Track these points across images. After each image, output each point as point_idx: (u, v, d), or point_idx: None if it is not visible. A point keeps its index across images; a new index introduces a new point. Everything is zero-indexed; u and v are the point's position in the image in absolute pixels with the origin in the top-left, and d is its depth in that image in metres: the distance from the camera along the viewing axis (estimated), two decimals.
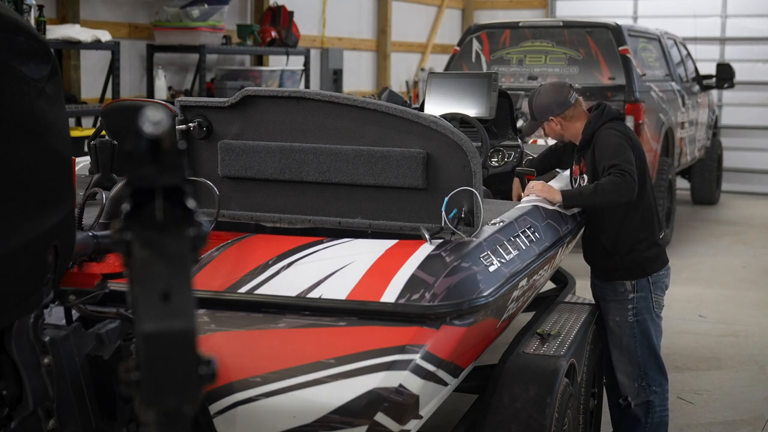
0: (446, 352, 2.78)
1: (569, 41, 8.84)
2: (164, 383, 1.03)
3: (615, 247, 4.12)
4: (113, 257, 2.52)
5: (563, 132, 4.19)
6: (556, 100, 4.17)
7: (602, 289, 4.22)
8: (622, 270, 4.13)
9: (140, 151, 1.07)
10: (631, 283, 4.11)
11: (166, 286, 1.04)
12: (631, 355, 4.12)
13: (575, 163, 4.24)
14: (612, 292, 4.15)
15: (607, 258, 4.15)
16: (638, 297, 4.11)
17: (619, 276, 4.13)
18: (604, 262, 4.17)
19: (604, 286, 4.20)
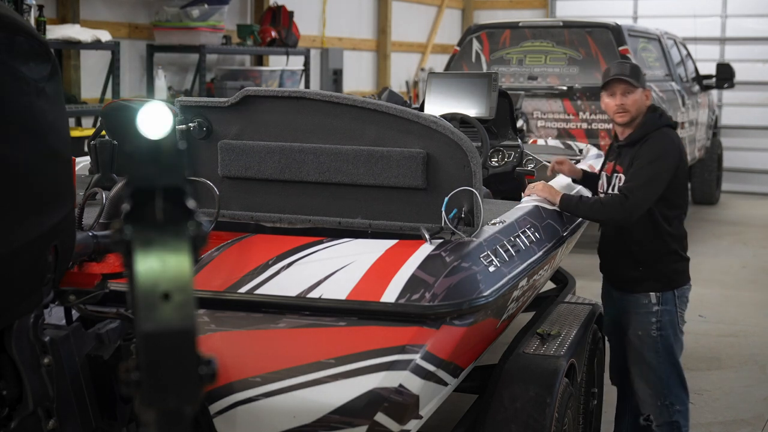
0: (446, 352, 2.78)
1: (569, 41, 8.85)
2: (164, 383, 1.03)
3: (644, 257, 3.94)
4: (113, 257, 2.52)
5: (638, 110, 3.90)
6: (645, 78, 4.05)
7: (623, 301, 4.02)
8: (648, 281, 3.95)
9: (140, 151, 1.07)
10: (657, 295, 3.93)
11: (166, 286, 1.04)
12: (654, 371, 3.95)
13: (609, 161, 4.07)
14: (635, 304, 3.96)
15: (633, 268, 3.96)
16: (662, 310, 3.93)
17: (644, 287, 3.95)
18: (629, 272, 3.97)
19: (625, 297, 4.01)
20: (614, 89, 3.90)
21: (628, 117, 3.89)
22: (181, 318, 1.03)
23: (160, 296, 1.03)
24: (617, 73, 3.90)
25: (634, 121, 3.91)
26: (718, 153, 11.74)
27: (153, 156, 1.07)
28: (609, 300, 4.19)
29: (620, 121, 3.92)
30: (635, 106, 3.88)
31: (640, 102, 3.89)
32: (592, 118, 8.57)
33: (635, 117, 3.90)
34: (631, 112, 3.88)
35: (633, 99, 3.88)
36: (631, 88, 3.87)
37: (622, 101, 3.88)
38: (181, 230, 1.07)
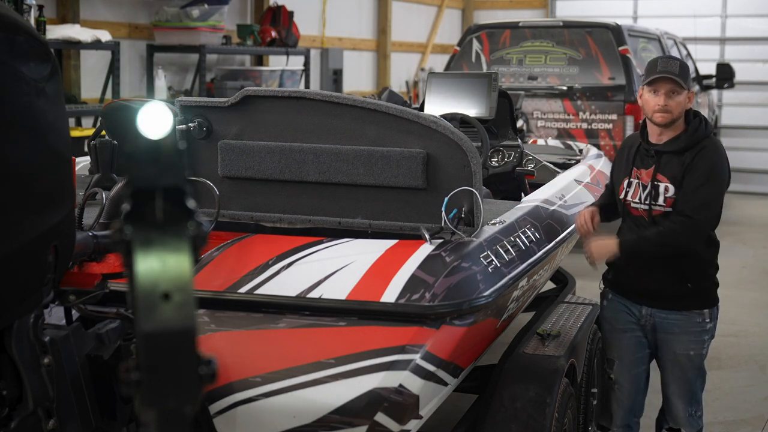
0: (446, 352, 2.78)
1: (569, 41, 8.85)
2: (164, 383, 1.03)
3: (693, 272, 3.62)
4: (113, 257, 2.52)
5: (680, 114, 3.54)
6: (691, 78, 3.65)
7: (668, 321, 3.65)
8: (697, 297, 3.65)
9: (140, 151, 1.07)
10: (710, 311, 3.67)
11: (166, 286, 1.04)
12: (691, 385, 3.74)
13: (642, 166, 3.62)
14: (686, 322, 3.64)
15: (681, 284, 3.61)
16: (712, 326, 3.71)
17: (694, 304, 3.64)
18: (676, 288, 3.61)
19: (670, 316, 3.65)
20: (659, 87, 3.52)
21: (669, 119, 3.52)
22: (181, 318, 1.03)
23: (160, 296, 1.03)
24: (666, 70, 3.51)
25: (673, 124, 3.55)
26: None
27: (153, 156, 1.07)
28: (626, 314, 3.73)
29: (660, 122, 3.54)
30: (679, 108, 3.53)
31: (683, 105, 3.54)
32: (592, 118, 8.57)
33: (676, 120, 3.55)
34: (674, 114, 3.52)
35: (678, 101, 3.52)
36: (679, 89, 3.50)
37: (667, 102, 3.50)
38: (181, 230, 1.07)
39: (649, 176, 3.58)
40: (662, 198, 3.53)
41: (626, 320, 3.71)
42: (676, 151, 3.54)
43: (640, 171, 3.62)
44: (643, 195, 3.59)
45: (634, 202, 3.63)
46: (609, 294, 3.79)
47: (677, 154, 3.54)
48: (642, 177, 3.61)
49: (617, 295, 3.74)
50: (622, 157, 3.77)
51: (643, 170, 3.61)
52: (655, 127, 3.58)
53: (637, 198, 3.62)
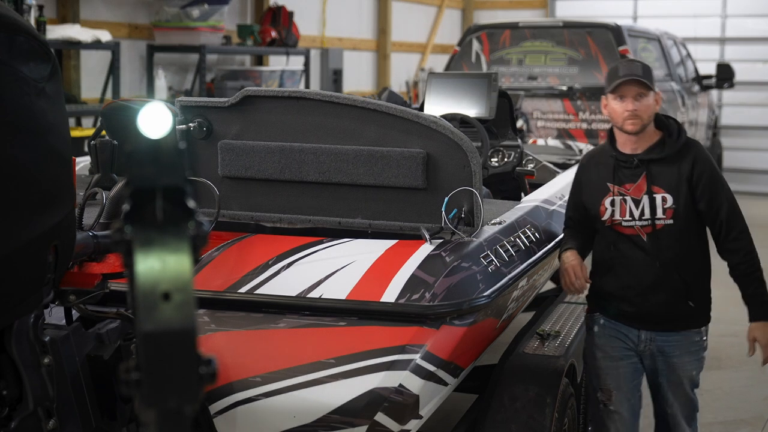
0: (446, 352, 2.78)
1: (569, 41, 8.85)
2: (164, 383, 1.03)
3: (696, 288, 3.45)
4: (113, 257, 2.52)
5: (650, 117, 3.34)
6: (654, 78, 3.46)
7: (669, 344, 3.43)
8: (699, 315, 3.48)
9: (140, 151, 1.07)
10: (705, 329, 3.51)
11: (166, 286, 1.04)
12: (692, 402, 3.53)
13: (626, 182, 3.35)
14: (686, 343, 3.44)
15: (684, 302, 3.41)
16: (707, 342, 3.54)
17: (694, 323, 3.46)
18: (679, 308, 3.40)
19: (671, 338, 3.42)
20: (625, 91, 3.31)
21: (639, 125, 3.30)
22: (181, 318, 1.03)
23: (160, 296, 1.03)
24: (629, 73, 3.32)
25: (644, 130, 3.34)
26: (718, 153, 11.75)
27: (153, 156, 1.07)
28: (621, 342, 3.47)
29: (631, 130, 3.31)
30: (648, 111, 3.31)
31: (652, 107, 3.33)
32: (592, 118, 8.57)
33: (647, 125, 3.33)
34: (644, 119, 3.30)
35: (647, 104, 3.31)
36: (645, 91, 3.30)
37: (635, 106, 3.29)
38: (181, 230, 1.07)
39: (641, 189, 3.33)
40: (661, 210, 3.31)
41: (622, 347, 3.45)
42: (667, 158, 3.33)
43: (625, 186, 3.35)
44: (637, 211, 3.33)
45: (626, 221, 3.36)
46: (600, 320, 3.50)
47: (669, 162, 3.33)
48: (631, 191, 3.34)
49: (610, 321, 3.47)
50: (590, 177, 3.46)
51: (630, 184, 3.34)
52: (627, 136, 3.35)
53: (627, 215, 3.34)
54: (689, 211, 3.33)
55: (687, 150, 3.35)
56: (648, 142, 3.36)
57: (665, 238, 3.33)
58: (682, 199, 3.31)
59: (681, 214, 3.31)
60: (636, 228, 3.34)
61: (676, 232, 3.34)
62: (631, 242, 3.36)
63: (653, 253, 3.33)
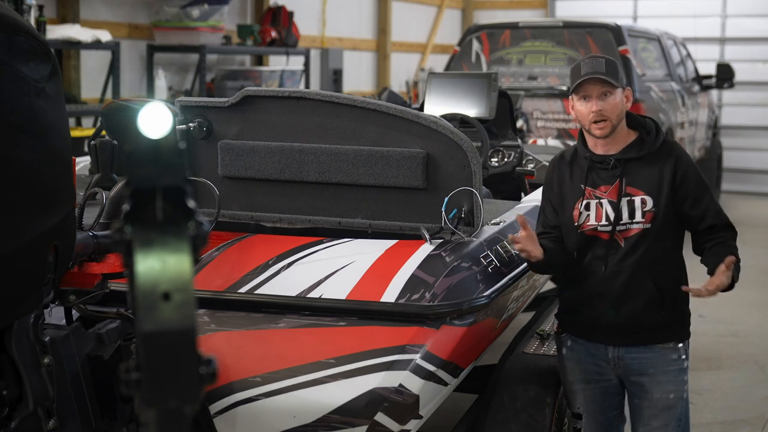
0: (446, 352, 2.78)
1: (569, 41, 8.85)
2: (164, 383, 1.03)
3: (670, 296, 3.07)
4: (113, 257, 2.52)
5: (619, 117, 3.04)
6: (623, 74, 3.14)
7: (639, 361, 3.08)
8: (673, 328, 3.10)
9: (140, 151, 1.07)
10: (684, 346, 3.11)
11: (166, 286, 1.04)
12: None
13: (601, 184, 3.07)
14: (661, 359, 3.07)
15: (657, 311, 3.05)
16: (689, 364, 3.13)
17: (669, 336, 3.08)
18: (652, 318, 3.05)
19: (642, 354, 3.07)
20: (588, 91, 3.01)
21: (609, 128, 3.01)
22: (181, 318, 1.03)
23: (160, 296, 1.03)
24: (591, 71, 3.02)
25: (615, 130, 3.03)
26: (717, 153, 11.75)
27: (153, 156, 1.07)
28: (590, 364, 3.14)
29: (600, 134, 3.01)
30: (616, 111, 3.02)
31: (621, 106, 3.04)
32: None
33: (616, 125, 3.03)
34: (612, 120, 3.01)
35: (613, 103, 3.01)
36: (610, 89, 3.01)
37: (601, 106, 3.00)
38: (181, 230, 1.07)
39: (615, 193, 3.03)
40: (640, 213, 3.01)
41: (592, 369, 3.14)
42: (645, 157, 3.05)
43: (600, 188, 3.06)
44: (613, 214, 3.02)
45: (602, 226, 3.04)
46: (568, 341, 3.19)
47: (647, 161, 3.05)
48: (608, 194, 3.04)
49: (578, 340, 3.16)
50: (562, 178, 3.15)
51: (606, 186, 3.05)
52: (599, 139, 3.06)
53: (603, 220, 3.03)
54: (669, 215, 3.03)
55: (668, 150, 3.07)
56: (622, 143, 3.07)
57: (643, 243, 3.02)
58: (663, 201, 3.01)
59: (660, 217, 3.01)
60: (612, 233, 3.03)
61: (654, 236, 3.02)
62: (605, 247, 3.04)
63: (629, 259, 3.02)
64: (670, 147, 3.09)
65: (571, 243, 3.10)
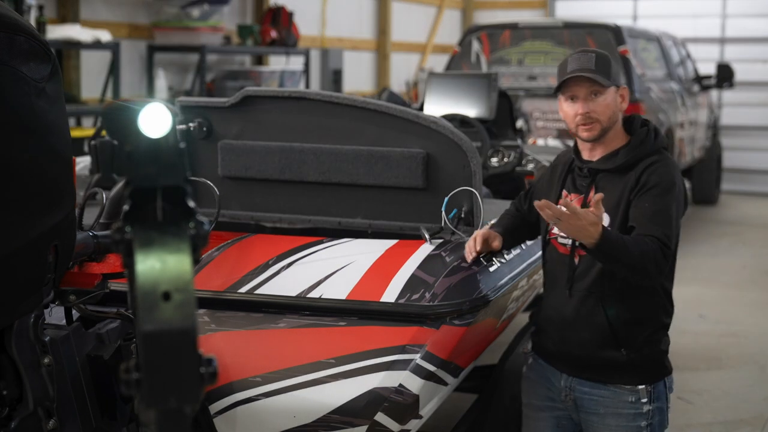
0: (446, 352, 2.78)
1: (569, 41, 8.85)
2: (164, 383, 1.03)
3: (631, 334, 2.74)
4: (113, 257, 2.52)
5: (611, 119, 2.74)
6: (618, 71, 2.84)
7: (590, 398, 2.78)
8: (634, 369, 2.76)
9: (140, 151, 1.07)
10: (648, 389, 2.76)
11: (166, 286, 1.04)
12: None
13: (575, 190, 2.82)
14: (614, 402, 2.75)
15: (613, 348, 2.73)
16: (654, 409, 2.77)
17: (629, 378, 2.75)
18: (606, 354, 2.74)
19: (594, 391, 2.77)
20: (575, 90, 2.73)
21: (597, 130, 2.72)
22: (181, 318, 1.03)
23: (160, 296, 1.03)
24: (578, 67, 2.72)
25: (604, 135, 2.75)
26: (717, 153, 11.75)
27: (153, 156, 1.08)
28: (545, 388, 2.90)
29: (587, 137, 2.74)
30: (607, 112, 2.71)
31: (613, 107, 2.73)
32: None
33: (607, 128, 2.73)
34: (602, 121, 2.71)
35: (604, 103, 2.71)
36: (600, 88, 2.71)
37: (588, 108, 2.71)
38: (182, 230, 1.07)
39: (581, 203, 2.74)
40: None
41: (545, 395, 2.89)
42: (615, 169, 2.73)
43: (572, 196, 2.79)
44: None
45: (562, 237, 2.78)
46: (530, 358, 2.97)
47: (617, 175, 2.73)
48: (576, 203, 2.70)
49: (539, 360, 2.92)
50: (553, 176, 2.93)
51: (576, 195, 2.79)
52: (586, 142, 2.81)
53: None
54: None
55: (643, 162, 2.72)
56: (608, 149, 2.77)
57: (595, 267, 2.70)
58: (619, 220, 2.68)
59: None
60: (568, 248, 2.78)
61: None
62: (563, 264, 2.79)
63: (581, 282, 2.74)
64: (649, 159, 2.72)
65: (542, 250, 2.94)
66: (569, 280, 2.77)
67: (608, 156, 2.76)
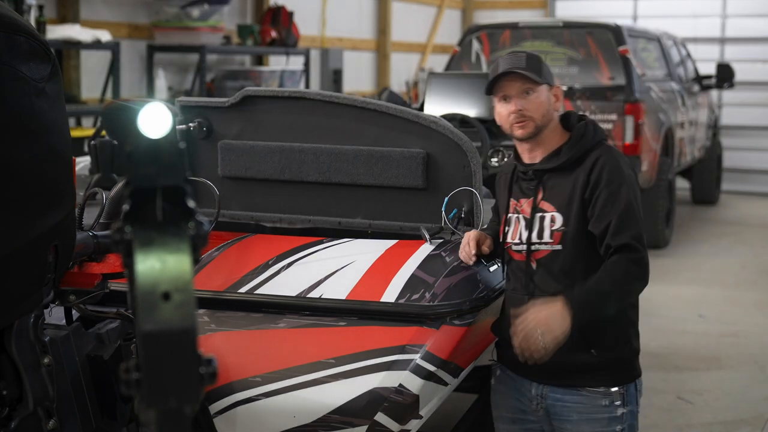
0: (446, 352, 2.78)
1: (569, 41, 8.84)
2: (164, 383, 1.03)
3: (600, 334, 2.68)
4: (113, 257, 2.52)
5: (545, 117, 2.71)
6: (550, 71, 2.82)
7: (563, 405, 2.72)
8: (604, 370, 2.70)
9: (140, 151, 1.07)
10: (620, 391, 2.69)
11: (166, 286, 1.04)
12: None
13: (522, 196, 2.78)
14: (587, 405, 2.69)
15: (583, 350, 2.67)
16: (628, 413, 2.71)
17: (599, 380, 2.69)
18: (576, 358, 2.66)
19: (566, 397, 2.71)
20: (507, 89, 2.70)
21: (531, 128, 2.68)
22: (181, 318, 1.03)
23: (160, 296, 1.03)
24: (508, 67, 2.68)
25: (539, 134, 2.71)
26: (717, 153, 11.75)
27: (153, 156, 1.08)
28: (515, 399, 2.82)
29: (520, 135, 2.69)
30: (541, 110, 2.68)
31: (547, 105, 2.69)
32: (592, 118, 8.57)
33: (541, 127, 2.70)
34: (536, 119, 2.68)
35: (537, 101, 2.68)
36: (533, 85, 2.68)
37: (520, 106, 2.67)
38: (181, 230, 1.07)
39: (529, 208, 2.73)
40: (548, 233, 2.68)
41: (515, 407, 2.83)
42: (561, 167, 2.70)
43: (521, 202, 2.77)
44: (526, 233, 2.72)
45: (515, 245, 2.75)
46: (498, 370, 2.90)
47: (564, 173, 2.69)
48: (523, 209, 2.75)
49: (506, 371, 2.84)
50: (499, 189, 2.92)
51: (524, 200, 2.76)
52: (523, 144, 2.76)
53: (517, 238, 2.74)
54: (583, 235, 2.65)
55: (588, 156, 2.69)
56: (548, 149, 2.73)
57: (554, 267, 2.68)
58: (574, 219, 2.65)
59: (570, 238, 2.65)
60: (523, 254, 2.74)
61: (567, 260, 2.67)
62: (521, 270, 2.75)
63: (542, 285, 2.70)
64: (593, 153, 2.69)
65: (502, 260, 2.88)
66: (526, 286, 2.74)
67: (550, 156, 2.73)
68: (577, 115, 2.80)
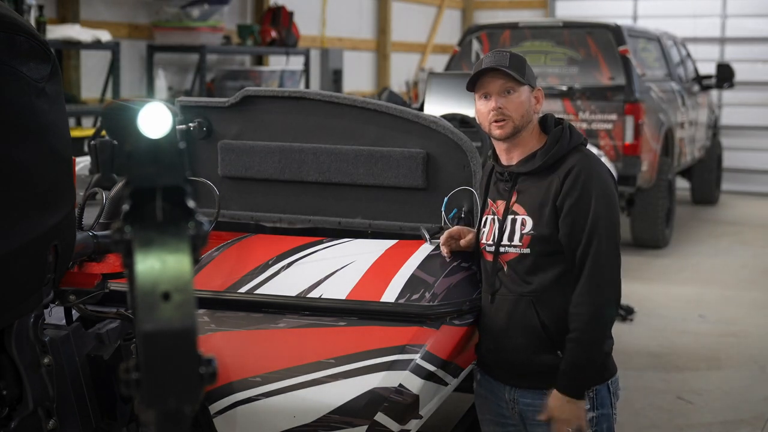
0: (446, 352, 2.78)
1: (569, 41, 8.84)
2: (164, 383, 1.03)
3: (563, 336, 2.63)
4: (113, 257, 2.52)
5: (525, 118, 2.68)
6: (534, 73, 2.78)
7: (532, 407, 2.70)
8: None
9: (140, 151, 1.07)
10: (589, 394, 2.64)
11: (166, 286, 1.04)
12: None
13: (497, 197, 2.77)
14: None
15: (549, 351, 2.66)
16: (599, 416, 2.67)
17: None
18: (543, 359, 2.66)
19: (537, 401, 2.69)
20: (488, 86, 2.67)
21: (510, 128, 2.65)
22: (181, 318, 1.03)
23: (160, 296, 1.03)
24: (491, 63, 2.65)
25: (517, 135, 2.68)
26: (717, 153, 11.75)
27: (153, 156, 1.08)
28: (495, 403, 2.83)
29: (499, 135, 2.68)
30: (520, 110, 2.65)
31: (527, 106, 2.66)
32: (592, 118, 8.57)
33: (520, 127, 2.67)
34: (515, 120, 2.65)
35: (517, 101, 2.65)
36: (514, 85, 2.65)
37: (501, 103, 2.64)
38: (181, 230, 1.07)
39: (503, 210, 2.73)
40: (518, 236, 2.67)
41: (496, 411, 2.82)
42: (534, 172, 2.68)
43: (497, 203, 2.77)
44: (497, 235, 2.72)
45: (488, 246, 2.76)
46: (478, 374, 2.90)
47: (538, 177, 2.68)
48: (498, 210, 2.75)
49: (485, 375, 2.86)
50: (480, 187, 2.93)
51: (500, 201, 2.76)
52: (499, 143, 2.75)
53: (490, 239, 2.75)
54: (552, 241, 2.64)
55: (563, 163, 2.66)
56: (525, 152, 2.72)
57: (522, 270, 2.68)
58: (544, 224, 2.64)
59: (539, 243, 2.65)
60: (495, 254, 2.75)
61: (535, 264, 2.66)
62: (493, 272, 2.76)
63: (511, 286, 2.70)
64: (568, 160, 2.66)
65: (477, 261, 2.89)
66: (492, 285, 2.76)
67: (526, 159, 2.72)
68: (555, 118, 2.77)
